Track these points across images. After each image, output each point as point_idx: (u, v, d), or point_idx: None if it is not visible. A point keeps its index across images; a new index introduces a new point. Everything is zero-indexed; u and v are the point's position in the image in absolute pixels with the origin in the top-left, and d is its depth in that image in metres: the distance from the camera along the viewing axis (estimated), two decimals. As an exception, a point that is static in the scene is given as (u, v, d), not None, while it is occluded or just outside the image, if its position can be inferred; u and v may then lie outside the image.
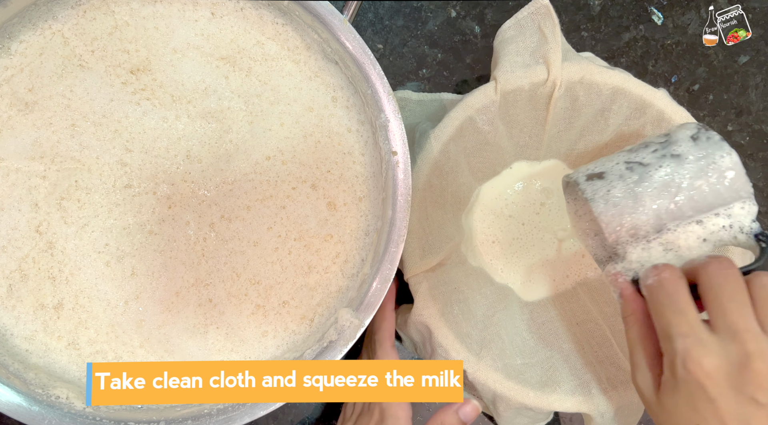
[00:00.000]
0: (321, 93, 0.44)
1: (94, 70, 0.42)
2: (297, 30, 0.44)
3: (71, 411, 0.39)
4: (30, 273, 0.41)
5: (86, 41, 0.42)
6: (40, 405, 0.38)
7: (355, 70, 0.42)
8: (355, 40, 0.41)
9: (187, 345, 0.42)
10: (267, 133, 0.43)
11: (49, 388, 0.39)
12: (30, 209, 0.41)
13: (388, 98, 0.41)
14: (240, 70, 0.43)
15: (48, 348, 0.41)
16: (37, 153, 0.41)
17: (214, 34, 0.43)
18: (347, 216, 0.44)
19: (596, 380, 0.45)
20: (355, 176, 0.44)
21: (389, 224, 0.41)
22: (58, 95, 0.42)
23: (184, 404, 0.40)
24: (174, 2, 0.43)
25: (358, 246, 0.44)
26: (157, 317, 0.42)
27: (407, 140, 0.42)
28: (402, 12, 0.55)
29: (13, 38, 0.41)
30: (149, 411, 0.40)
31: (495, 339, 0.47)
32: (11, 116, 0.41)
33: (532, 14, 0.46)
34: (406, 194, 0.41)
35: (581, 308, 0.51)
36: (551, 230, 0.53)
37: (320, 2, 0.41)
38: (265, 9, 0.43)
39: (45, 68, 0.42)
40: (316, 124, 0.44)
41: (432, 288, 0.46)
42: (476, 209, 0.53)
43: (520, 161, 0.54)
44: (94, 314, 0.41)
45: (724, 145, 0.38)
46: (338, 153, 0.44)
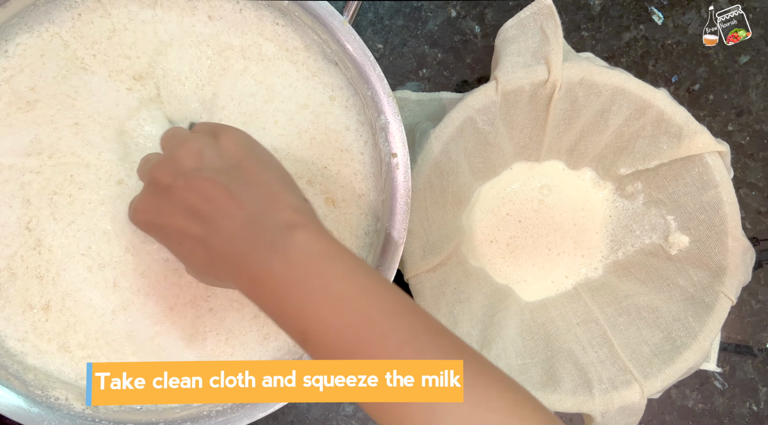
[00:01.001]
0: (318, 92, 0.44)
1: (98, 74, 0.42)
2: (297, 31, 0.43)
3: (70, 412, 0.39)
4: (18, 272, 0.40)
5: (86, 44, 0.42)
6: (39, 406, 0.38)
7: (355, 71, 0.41)
8: (355, 41, 0.41)
9: (184, 353, 0.41)
10: (261, 132, 0.43)
11: (48, 389, 0.39)
12: (21, 205, 0.41)
13: (389, 100, 0.41)
14: (235, 70, 0.43)
15: (40, 350, 0.40)
16: (35, 149, 0.41)
17: (212, 36, 0.43)
18: (347, 213, 0.43)
19: (597, 380, 0.45)
20: (353, 173, 0.44)
21: (389, 226, 0.41)
22: (62, 94, 0.41)
23: (184, 404, 0.40)
24: (173, 6, 0.43)
25: (358, 245, 0.43)
26: (149, 329, 0.41)
27: (407, 141, 0.42)
28: (402, 12, 0.55)
29: (9, 41, 0.41)
30: (148, 412, 0.40)
31: (495, 338, 0.47)
32: (9, 114, 0.41)
33: (535, 14, 0.46)
34: (406, 197, 0.41)
35: (582, 308, 0.51)
36: (549, 230, 0.53)
37: (320, 3, 0.40)
38: (265, 10, 0.43)
39: (48, 69, 0.41)
40: (312, 121, 0.43)
41: (432, 288, 0.46)
42: (476, 209, 0.53)
43: (520, 161, 0.54)
44: (81, 319, 0.41)
45: None
46: (335, 150, 0.43)
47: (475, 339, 0.46)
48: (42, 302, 0.41)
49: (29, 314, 0.41)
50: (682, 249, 0.49)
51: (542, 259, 0.53)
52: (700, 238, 0.48)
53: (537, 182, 0.54)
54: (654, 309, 0.49)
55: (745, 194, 0.56)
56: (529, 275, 0.53)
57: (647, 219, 0.52)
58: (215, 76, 0.43)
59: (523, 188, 0.54)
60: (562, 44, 0.46)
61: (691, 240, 0.49)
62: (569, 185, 0.54)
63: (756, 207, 0.56)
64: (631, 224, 0.53)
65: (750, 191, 0.56)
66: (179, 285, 0.42)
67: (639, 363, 0.46)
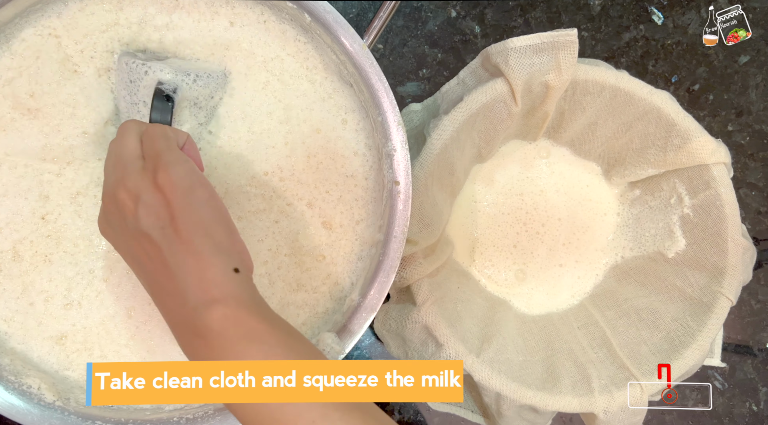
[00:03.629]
0: (332, 115, 0.44)
1: (86, 76, 0.42)
2: (317, 49, 0.44)
3: (41, 402, 0.38)
4: (25, 256, 0.41)
5: (77, 38, 0.41)
6: (11, 393, 0.38)
7: (368, 95, 0.41)
8: (372, 66, 0.41)
9: (170, 348, 0.42)
10: (269, 150, 0.43)
11: (22, 376, 0.39)
12: (37, 198, 0.41)
13: (398, 128, 0.41)
14: (256, 82, 0.43)
15: (26, 334, 0.40)
16: (48, 155, 0.41)
17: (233, 41, 0.43)
18: (342, 238, 0.43)
19: (597, 377, 0.45)
20: (355, 199, 0.44)
21: (382, 253, 0.41)
22: (61, 104, 0.41)
23: (156, 406, 0.40)
24: (192, 12, 0.42)
25: (350, 270, 0.43)
26: (146, 324, 0.42)
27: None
28: (402, 12, 0.55)
29: (15, 37, 0.41)
30: (119, 410, 0.40)
31: (496, 335, 0.47)
32: (15, 118, 0.41)
33: (554, 42, 0.45)
34: (403, 226, 0.41)
35: (583, 312, 0.52)
36: (551, 243, 0.53)
37: (342, 24, 0.41)
38: (288, 24, 0.43)
39: (42, 75, 0.41)
40: (322, 146, 0.43)
41: (433, 288, 0.46)
42: (478, 217, 0.53)
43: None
44: (80, 309, 0.41)
45: None
46: (340, 175, 0.43)
47: (476, 335, 0.46)
48: (44, 287, 0.41)
49: (25, 297, 0.41)
50: (679, 252, 0.49)
51: (546, 276, 0.53)
52: (699, 240, 0.48)
53: (536, 186, 0.54)
54: (653, 311, 0.49)
55: (745, 194, 0.56)
56: (533, 296, 0.53)
57: (646, 223, 0.52)
58: (231, 84, 0.43)
59: (518, 193, 0.54)
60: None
61: (689, 243, 0.49)
62: (570, 194, 0.54)
63: (756, 207, 0.56)
64: (631, 228, 0.53)
65: (750, 191, 0.56)
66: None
67: (637, 361, 0.46)
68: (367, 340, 0.53)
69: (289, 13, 0.42)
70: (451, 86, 0.52)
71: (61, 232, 0.41)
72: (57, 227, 0.41)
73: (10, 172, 0.41)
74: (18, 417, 0.38)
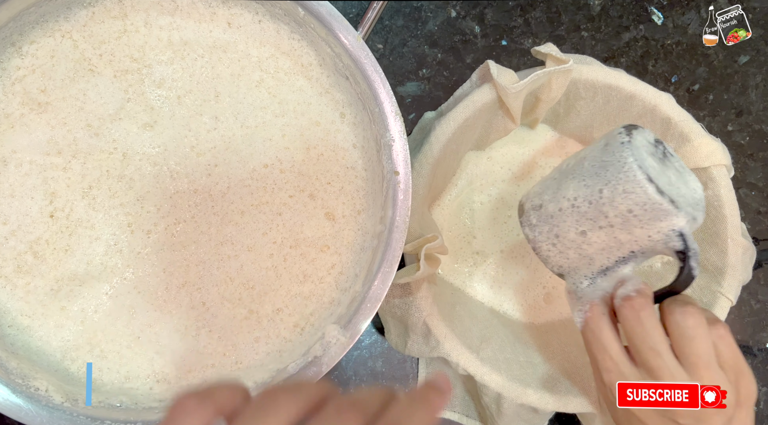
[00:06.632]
0: (330, 109, 0.44)
1: (104, 76, 0.42)
2: (312, 45, 0.44)
3: (49, 404, 0.38)
4: (46, 253, 0.41)
5: (94, 44, 0.42)
6: (20, 396, 0.38)
7: (365, 86, 0.42)
8: (367, 57, 0.41)
9: (178, 345, 0.42)
10: (267, 142, 0.44)
11: (29, 379, 0.39)
12: (43, 197, 0.41)
13: (395, 118, 0.41)
14: (249, 80, 0.43)
15: (33, 316, 0.40)
16: (53, 149, 0.42)
17: (230, 43, 0.43)
18: (345, 228, 0.44)
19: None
20: (356, 190, 0.44)
21: (385, 243, 0.41)
22: (71, 97, 0.42)
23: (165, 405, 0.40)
24: (192, 13, 0.43)
25: (354, 260, 0.43)
26: (149, 314, 0.42)
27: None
28: (402, 12, 0.55)
29: (24, 38, 0.42)
30: (128, 410, 0.40)
31: (494, 335, 0.47)
32: (24, 114, 0.41)
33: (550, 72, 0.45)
34: (405, 216, 0.41)
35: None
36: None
37: (336, 17, 0.41)
38: (282, 23, 0.44)
39: (57, 71, 0.42)
40: (322, 138, 0.44)
41: (432, 287, 0.46)
42: (476, 230, 0.53)
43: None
44: (90, 299, 0.41)
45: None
46: (341, 167, 0.44)
47: (475, 334, 0.46)
48: (55, 275, 0.41)
49: (25, 272, 0.41)
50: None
51: (546, 281, 0.53)
52: (699, 240, 0.48)
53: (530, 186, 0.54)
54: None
55: (745, 194, 0.56)
56: (523, 296, 0.53)
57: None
58: (224, 82, 0.43)
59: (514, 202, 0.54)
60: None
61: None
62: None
63: (756, 207, 0.56)
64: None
65: (750, 191, 0.56)
66: (174, 263, 0.42)
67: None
68: (368, 340, 0.53)
69: (283, 8, 0.42)
70: (464, 90, 0.52)
71: (73, 228, 0.41)
72: (69, 223, 0.41)
73: (16, 170, 0.41)
74: (27, 420, 0.38)
